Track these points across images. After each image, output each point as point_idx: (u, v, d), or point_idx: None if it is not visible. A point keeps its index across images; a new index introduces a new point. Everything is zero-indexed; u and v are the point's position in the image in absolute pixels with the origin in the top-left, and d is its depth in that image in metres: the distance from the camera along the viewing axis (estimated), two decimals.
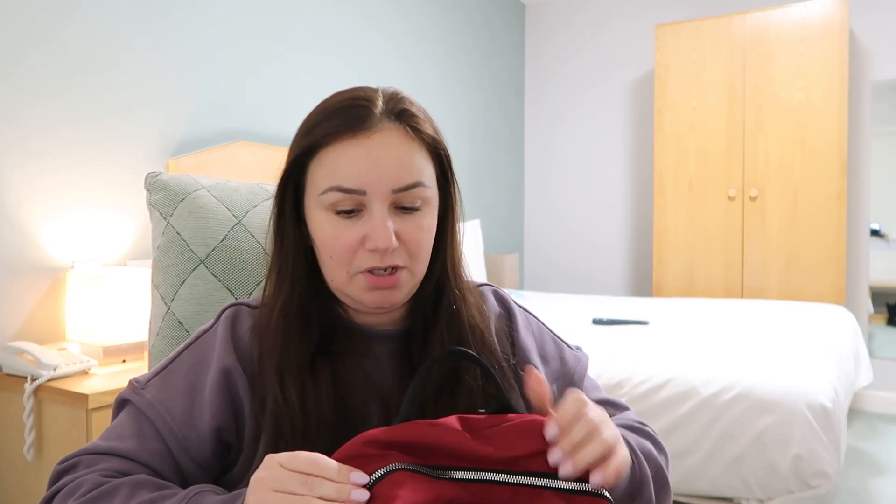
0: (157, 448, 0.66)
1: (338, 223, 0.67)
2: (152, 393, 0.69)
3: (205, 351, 0.71)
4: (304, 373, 0.67)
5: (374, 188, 0.66)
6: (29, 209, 1.84)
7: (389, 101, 0.69)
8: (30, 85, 1.84)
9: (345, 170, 0.66)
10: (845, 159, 3.23)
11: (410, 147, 0.68)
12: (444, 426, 0.56)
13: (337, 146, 0.67)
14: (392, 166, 0.66)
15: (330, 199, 0.67)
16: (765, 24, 3.39)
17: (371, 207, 0.66)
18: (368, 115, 0.67)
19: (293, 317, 0.70)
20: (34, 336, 1.85)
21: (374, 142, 0.66)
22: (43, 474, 1.61)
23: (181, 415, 0.67)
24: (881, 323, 3.59)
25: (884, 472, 2.66)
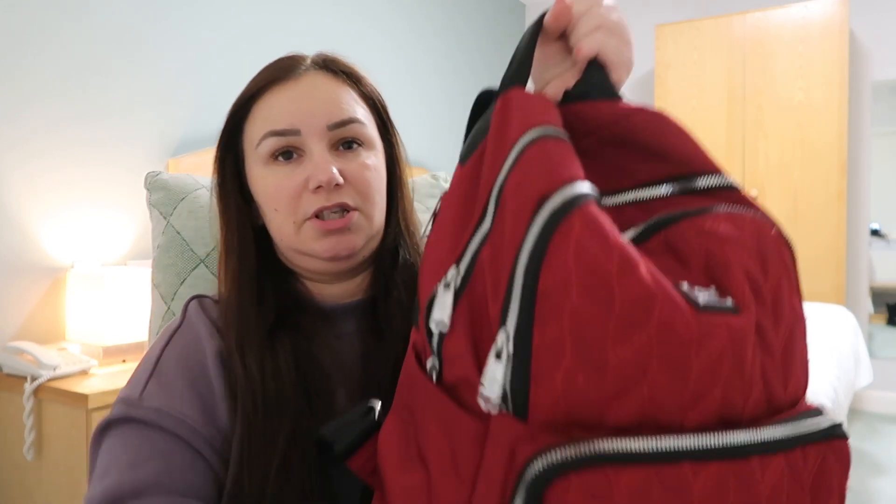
0: (188, 461, 0.58)
1: (278, 172, 0.65)
2: (156, 400, 0.61)
3: (187, 342, 0.66)
4: (264, 345, 0.64)
5: (308, 126, 0.65)
6: (29, 209, 1.84)
7: (317, 56, 0.70)
8: (30, 85, 1.84)
9: (276, 114, 0.65)
10: (845, 159, 3.23)
11: (341, 88, 0.68)
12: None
13: (266, 96, 0.67)
14: (323, 101, 0.66)
15: (266, 148, 0.65)
16: (765, 24, 3.40)
17: (309, 147, 0.65)
18: (295, 65, 0.68)
19: (247, 288, 0.67)
20: (34, 336, 1.85)
21: (303, 83, 0.66)
22: (43, 474, 1.61)
23: (198, 413, 0.61)
24: (881, 323, 3.59)
25: (884, 472, 2.66)
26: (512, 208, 0.37)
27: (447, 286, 0.39)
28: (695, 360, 0.34)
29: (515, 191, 0.37)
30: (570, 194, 0.35)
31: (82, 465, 1.52)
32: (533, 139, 0.38)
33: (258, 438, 0.60)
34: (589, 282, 0.34)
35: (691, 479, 0.33)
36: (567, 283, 0.34)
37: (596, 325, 0.33)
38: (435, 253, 0.43)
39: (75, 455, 1.54)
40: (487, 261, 0.38)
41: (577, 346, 0.34)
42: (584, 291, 0.34)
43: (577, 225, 0.34)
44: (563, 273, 0.34)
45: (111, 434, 0.60)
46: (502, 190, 0.38)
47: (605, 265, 0.34)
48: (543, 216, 0.35)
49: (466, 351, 0.38)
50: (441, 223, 0.44)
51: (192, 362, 0.64)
